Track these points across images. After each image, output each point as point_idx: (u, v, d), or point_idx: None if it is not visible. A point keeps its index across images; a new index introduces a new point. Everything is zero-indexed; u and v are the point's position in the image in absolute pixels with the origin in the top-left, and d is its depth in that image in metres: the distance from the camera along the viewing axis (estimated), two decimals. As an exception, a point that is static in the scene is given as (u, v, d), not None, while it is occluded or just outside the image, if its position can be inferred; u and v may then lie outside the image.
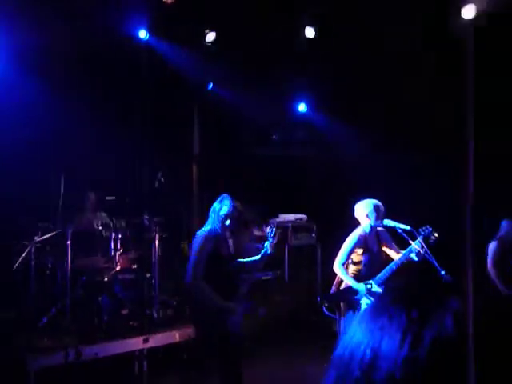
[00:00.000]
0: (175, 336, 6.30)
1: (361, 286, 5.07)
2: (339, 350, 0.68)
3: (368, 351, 0.63)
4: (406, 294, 0.69)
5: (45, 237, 5.92)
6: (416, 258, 5.09)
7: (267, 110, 8.34)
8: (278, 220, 8.19)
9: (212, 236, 4.67)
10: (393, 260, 5.28)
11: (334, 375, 0.67)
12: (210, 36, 7.68)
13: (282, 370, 6.15)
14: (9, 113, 6.17)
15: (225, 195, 4.82)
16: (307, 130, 8.95)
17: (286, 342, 6.88)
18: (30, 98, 6.42)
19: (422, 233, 5.09)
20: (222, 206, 4.76)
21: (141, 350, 6.03)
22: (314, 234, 8.25)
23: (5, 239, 6.01)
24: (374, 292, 5.05)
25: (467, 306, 0.62)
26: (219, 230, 4.69)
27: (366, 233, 5.23)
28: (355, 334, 0.67)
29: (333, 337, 5.93)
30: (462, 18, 7.11)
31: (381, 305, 0.68)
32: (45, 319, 5.79)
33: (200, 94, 7.92)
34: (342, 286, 5.20)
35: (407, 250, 5.13)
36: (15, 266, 5.72)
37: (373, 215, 5.15)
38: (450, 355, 0.60)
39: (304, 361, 6.30)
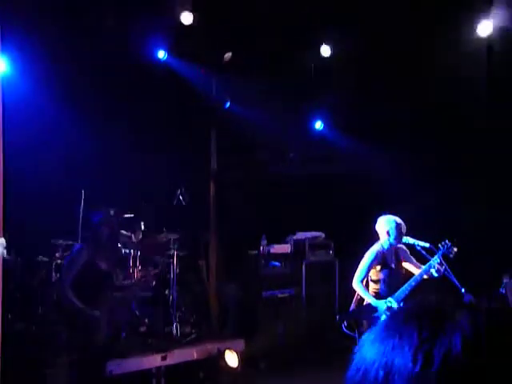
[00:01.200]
0: (193, 354, 6.29)
1: (380, 304, 5.03)
2: (352, 371, 0.68)
3: (381, 371, 0.63)
4: (417, 311, 0.68)
5: (66, 253, 5.98)
6: (436, 274, 5.04)
7: (284, 128, 8.38)
8: (294, 237, 8.18)
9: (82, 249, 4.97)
10: (411, 276, 5.24)
11: None
12: (227, 56, 7.78)
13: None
14: (31, 132, 6.28)
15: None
16: (324, 148, 8.97)
17: (303, 360, 6.82)
18: (50, 118, 6.53)
19: (442, 248, 5.06)
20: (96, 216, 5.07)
21: (158, 368, 6.01)
22: (331, 251, 8.22)
23: (26, 255, 6.07)
24: (393, 309, 5.01)
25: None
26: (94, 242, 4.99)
27: (384, 249, 5.20)
28: (367, 353, 0.66)
29: (351, 355, 5.88)
30: (477, 34, 7.14)
31: (392, 324, 0.67)
32: (64, 335, 5.81)
33: (217, 113, 8.00)
34: (364, 303, 5.16)
35: (426, 265, 5.09)
36: (35, 282, 5.77)
37: (393, 233, 5.13)
38: (459, 374, 0.59)
39: (321, 380, 6.24)
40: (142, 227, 6.73)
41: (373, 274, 5.18)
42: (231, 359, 6.40)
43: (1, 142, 1.97)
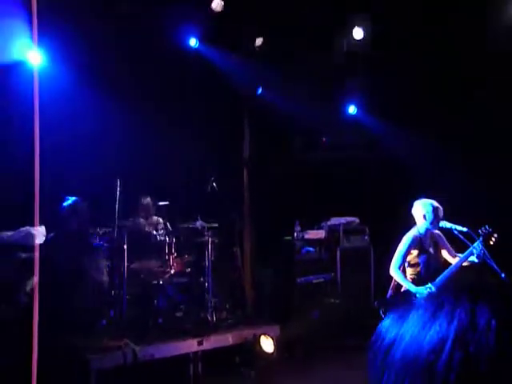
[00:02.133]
0: (229, 339, 6.36)
1: (420, 289, 4.96)
2: (403, 355, 0.66)
3: (456, 353, 0.61)
4: (484, 292, 0.66)
5: (102, 241, 6.11)
6: (476, 260, 4.94)
7: (317, 114, 8.31)
8: (329, 223, 8.14)
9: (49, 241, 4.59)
10: (448, 263, 5.16)
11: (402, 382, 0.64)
12: (258, 41, 7.74)
13: (335, 375, 6.08)
14: (69, 123, 6.40)
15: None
16: (358, 132, 8.87)
17: (338, 347, 6.81)
18: (87, 108, 6.63)
19: (482, 234, 4.94)
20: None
21: (195, 353, 6.11)
22: (366, 237, 8.15)
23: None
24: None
25: None
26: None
27: (420, 234, 5.12)
28: (426, 335, 0.65)
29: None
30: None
31: (456, 304, 0.65)
32: (104, 322, 5.96)
33: (250, 99, 7.98)
34: (402, 289, 5.10)
35: (467, 252, 4.98)
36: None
37: (430, 217, 5.04)
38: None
39: (357, 366, 6.22)
40: (177, 215, 6.81)
41: (410, 259, 5.11)
42: (266, 344, 6.44)
43: (37, 135, 2.01)
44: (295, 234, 7.96)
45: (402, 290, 5.08)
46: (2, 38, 5.34)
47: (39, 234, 4.29)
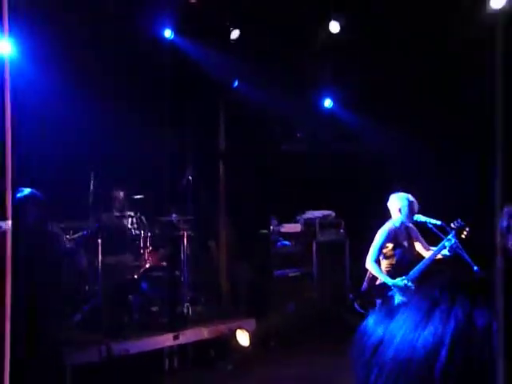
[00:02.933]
0: (204, 333, 6.34)
1: (397, 282, 5.01)
2: (397, 357, 0.62)
3: (455, 355, 0.58)
4: (480, 290, 0.63)
5: (76, 235, 6.00)
6: (449, 253, 5.02)
7: (292, 107, 8.30)
8: (305, 216, 8.16)
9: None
10: (421, 256, 5.22)
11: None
12: (235, 33, 7.68)
13: (310, 368, 6.12)
14: (40, 114, 6.26)
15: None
16: (333, 126, 8.90)
17: (314, 339, 6.85)
18: (59, 99, 6.50)
19: (454, 227, 5.02)
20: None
21: (171, 347, 6.07)
22: (342, 230, 8.20)
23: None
24: (408, 288, 4.99)
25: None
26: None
27: (395, 227, 5.18)
28: (420, 334, 0.61)
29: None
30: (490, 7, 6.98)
31: (450, 304, 0.62)
32: (78, 316, 5.87)
33: (225, 92, 7.93)
34: (377, 282, 5.15)
35: (440, 245, 5.06)
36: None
37: (405, 210, 5.10)
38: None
39: (333, 358, 6.26)
40: (152, 208, 6.75)
41: (386, 252, 5.16)
42: (242, 338, 6.44)
43: (8, 125, 1.95)
44: (271, 228, 7.96)
45: (377, 282, 5.13)
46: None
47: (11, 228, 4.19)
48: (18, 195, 4.28)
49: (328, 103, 8.94)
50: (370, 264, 5.10)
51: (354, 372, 0.67)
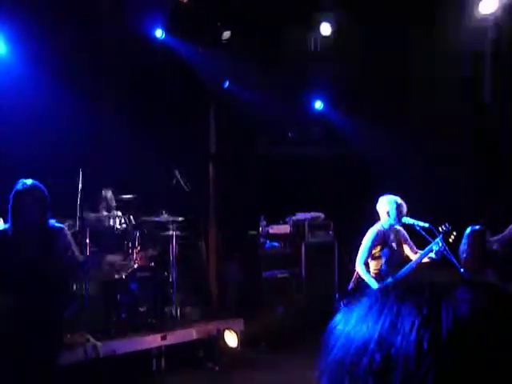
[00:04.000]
0: (192, 333, 6.33)
1: (380, 285, 5.04)
2: (336, 354, 0.63)
3: (377, 354, 0.58)
4: (410, 288, 0.64)
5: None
6: (435, 256, 5.06)
7: (283, 108, 8.32)
8: (294, 218, 8.17)
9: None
10: (409, 259, 5.26)
11: (331, 377, 0.62)
12: (226, 34, 7.68)
13: (298, 370, 6.12)
14: (29, 112, 6.22)
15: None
16: (323, 128, 8.92)
17: (302, 340, 6.86)
18: (48, 98, 6.46)
19: (442, 231, 5.06)
20: None
21: (158, 347, 6.05)
22: (331, 232, 8.22)
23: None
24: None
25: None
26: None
27: (384, 229, 5.21)
28: (356, 334, 0.62)
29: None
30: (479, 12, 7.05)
31: (384, 301, 0.62)
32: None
33: (216, 93, 7.92)
34: (364, 282, 5.17)
35: (427, 248, 5.10)
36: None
37: (393, 213, 5.14)
38: (471, 341, 0.56)
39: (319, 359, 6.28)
40: (141, 208, 6.72)
41: (374, 253, 5.20)
42: (230, 339, 6.44)
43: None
44: (260, 229, 7.96)
45: (364, 282, 5.15)
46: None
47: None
48: (19, 187, 3.74)
49: (318, 105, 8.97)
50: (359, 266, 5.13)
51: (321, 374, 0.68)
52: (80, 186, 5.97)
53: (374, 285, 5.03)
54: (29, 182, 3.80)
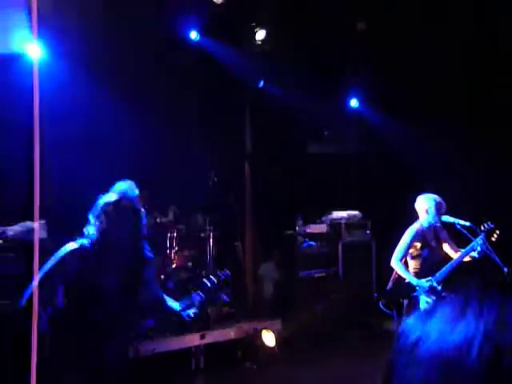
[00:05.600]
0: (230, 333, 6.36)
1: (422, 283, 4.96)
2: (428, 352, 0.65)
3: (485, 347, 0.61)
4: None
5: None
6: (477, 256, 4.95)
7: (319, 107, 8.27)
8: (331, 217, 8.12)
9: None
10: (449, 257, 5.16)
11: (428, 378, 0.63)
12: (260, 34, 7.69)
13: (336, 369, 6.08)
14: (69, 117, 6.34)
15: None
16: (360, 126, 8.83)
17: (340, 340, 6.82)
18: (87, 103, 6.58)
19: (484, 229, 4.94)
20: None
21: (197, 346, 6.11)
22: (368, 231, 8.13)
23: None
24: (434, 289, 4.93)
25: None
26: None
27: (423, 227, 5.12)
28: (453, 331, 0.64)
29: (387, 335, 5.82)
30: None
31: (485, 297, 0.65)
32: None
33: (251, 92, 7.94)
34: (403, 282, 5.10)
35: (469, 246, 4.99)
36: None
37: (432, 211, 5.06)
38: None
39: (359, 359, 6.23)
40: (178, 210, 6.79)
41: (413, 252, 5.12)
42: (268, 338, 6.45)
43: (37, 130, 1.99)
44: (297, 228, 7.94)
45: (403, 282, 5.08)
46: (2, 29, 5.30)
47: (40, 228, 4.27)
48: (109, 199, 3.34)
49: (354, 103, 8.89)
50: (395, 263, 5.07)
51: (394, 372, 0.70)
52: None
53: (414, 281, 4.96)
54: (121, 188, 3.42)
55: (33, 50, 5.58)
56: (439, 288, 4.95)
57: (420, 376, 0.64)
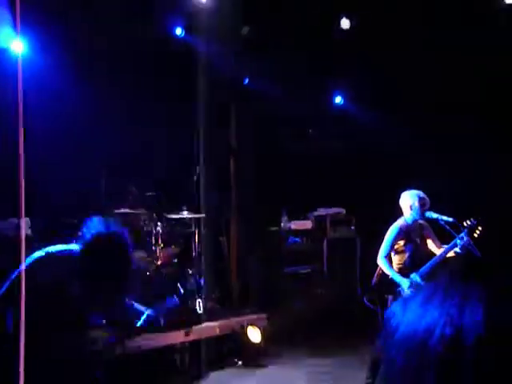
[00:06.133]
0: (216, 329, 6.36)
1: (403, 281, 5.01)
2: (403, 335, 0.70)
3: (448, 329, 0.65)
4: (471, 273, 0.71)
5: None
6: (460, 251, 5.00)
7: (303, 104, 8.29)
8: (316, 214, 8.16)
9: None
10: (433, 253, 5.21)
11: (402, 360, 0.68)
12: (244, 30, 7.68)
13: (322, 365, 6.12)
14: (54, 110, 6.29)
15: None
16: (344, 123, 8.87)
17: (325, 335, 6.86)
18: (71, 96, 6.53)
19: (467, 225, 5.00)
20: None
21: (182, 343, 6.10)
22: (352, 227, 8.18)
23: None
24: (418, 285, 4.98)
25: None
26: None
27: (407, 223, 5.17)
28: (423, 315, 0.68)
29: (372, 329, 5.87)
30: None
31: (449, 286, 0.68)
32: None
33: (236, 89, 7.93)
34: (387, 278, 5.14)
35: (452, 242, 5.05)
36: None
37: (416, 207, 5.10)
38: None
39: (345, 354, 6.27)
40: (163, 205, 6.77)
41: (397, 248, 5.17)
42: (254, 335, 6.46)
43: (21, 123, 1.97)
44: (282, 224, 7.96)
45: (388, 278, 5.13)
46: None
47: (26, 225, 4.24)
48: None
49: (339, 100, 8.92)
50: (380, 260, 5.11)
51: (381, 356, 0.76)
52: (103, 183, 6.04)
53: (398, 279, 5.00)
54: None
55: (16, 45, 5.53)
56: (422, 284, 5.00)
57: (397, 358, 0.69)
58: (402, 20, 7.34)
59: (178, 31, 7.46)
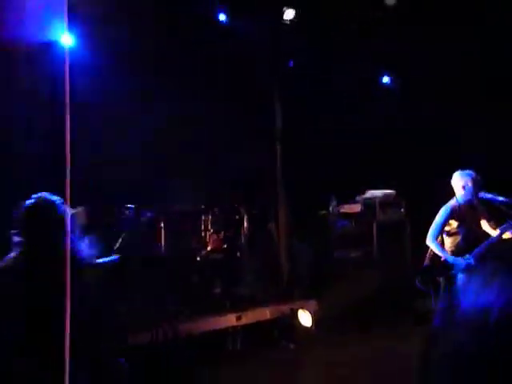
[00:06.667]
0: (266, 313, 6.41)
1: (458, 260, 4.88)
2: (464, 314, 0.74)
3: (506, 308, 0.71)
4: None
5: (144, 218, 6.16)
6: (516, 232, 4.84)
7: (351, 85, 8.14)
8: (365, 196, 8.04)
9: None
10: (487, 234, 5.06)
11: (464, 337, 0.71)
12: (289, 13, 7.60)
13: (373, 349, 6.07)
14: (99, 105, 6.40)
15: None
16: (394, 103, 8.66)
17: (375, 319, 6.79)
18: (119, 91, 6.60)
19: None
20: None
21: (234, 327, 6.18)
22: (402, 210, 8.03)
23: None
24: (470, 266, 4.84)
25: None
26: None
27: (460, 204, 5.03)
28: (483, 296, 0.75)
29: (424, 312, 5.75)
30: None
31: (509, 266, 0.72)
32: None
33: (280, 72, 7.87)
34: (439, 260, 5.03)
35: (507, 223, 4.88)
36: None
37: (468, 187, 4.95)
38: None
39: (396, 337, 6.20)
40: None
41: (450, 230, 5.05)
42: (304, 318, 6.47)
43: (68, 116, 2.02)
44: (330, 208, 7.90)
45: (440, 260, 5.01)
46: (36, 17, 5.38)
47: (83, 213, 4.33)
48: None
49: (386, 79, 8.73)
50: (430, 241, 5.00)
51: (439, 334, 0.81)
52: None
53: (450, 258, 4.89)
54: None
55: (65, 38, 5.65)
56: (477, 266, 4.87)
57: (457, 335, 0.72)
58: None
59: (222, 17, 7.45)
